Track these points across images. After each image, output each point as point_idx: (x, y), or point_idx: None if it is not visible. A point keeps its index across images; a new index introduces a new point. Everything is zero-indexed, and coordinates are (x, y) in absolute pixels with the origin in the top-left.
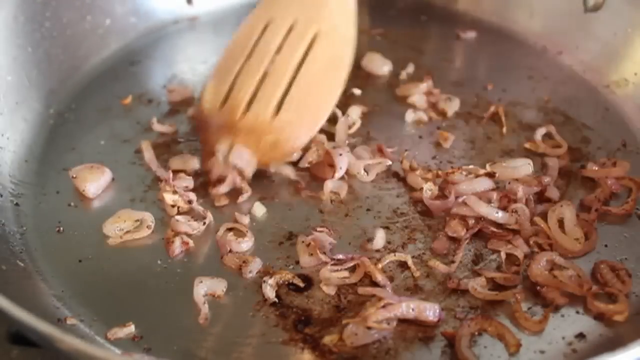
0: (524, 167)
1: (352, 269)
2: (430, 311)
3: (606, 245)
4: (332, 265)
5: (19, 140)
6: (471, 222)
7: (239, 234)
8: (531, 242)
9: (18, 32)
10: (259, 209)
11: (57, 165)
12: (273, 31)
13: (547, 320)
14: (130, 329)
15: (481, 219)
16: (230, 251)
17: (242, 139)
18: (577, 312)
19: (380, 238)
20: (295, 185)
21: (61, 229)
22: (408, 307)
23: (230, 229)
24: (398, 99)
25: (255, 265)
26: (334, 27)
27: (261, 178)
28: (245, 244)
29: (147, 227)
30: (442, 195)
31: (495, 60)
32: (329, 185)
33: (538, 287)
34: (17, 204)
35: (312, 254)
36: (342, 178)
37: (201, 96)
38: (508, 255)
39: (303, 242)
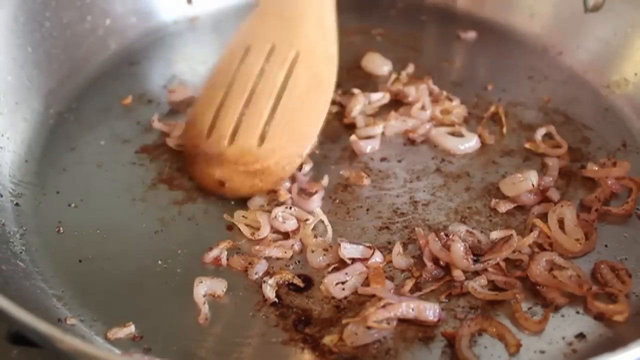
0: (524, 182)
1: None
2: (430, 311)
3: (606, 246)
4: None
5: (19, 140)
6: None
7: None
8: (531, 242)
9: (18, 32)
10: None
11: (57, 165)
12: (253, 57)
13: (547, 320)
14: (130, 329)
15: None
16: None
17: (229, 170)
18: (577, 312)
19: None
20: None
21: (61, 229)
22: (408, 307)
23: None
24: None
25: (261, 267)
26: (313, 47)
27: None
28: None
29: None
30: None
31: (495, 60)
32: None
33: (538, 287)
34: (17, 204)
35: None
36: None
37: (186, 126)
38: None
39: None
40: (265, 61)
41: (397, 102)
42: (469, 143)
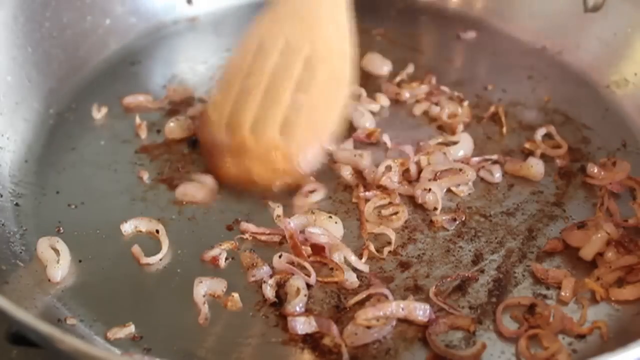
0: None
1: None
2: (420, 311)
3: None
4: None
5: (19, 140)
6: None
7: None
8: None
9: (18, 32)
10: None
11: (57, 165)
12: (266, 51)
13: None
14: (130, 329)
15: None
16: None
17: (249, 160)
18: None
19: None
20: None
21: (61, 229)
22: (398, 306)
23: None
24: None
25: (261, 272)
26: (329, 44)
27: None
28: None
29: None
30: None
31: (495, 60)
32: None
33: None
34: (17, 204)
35: None
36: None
37: (203, 117)
38: None
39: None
40: (280, 55)
41: (398, 102)
42: (463, 150)
